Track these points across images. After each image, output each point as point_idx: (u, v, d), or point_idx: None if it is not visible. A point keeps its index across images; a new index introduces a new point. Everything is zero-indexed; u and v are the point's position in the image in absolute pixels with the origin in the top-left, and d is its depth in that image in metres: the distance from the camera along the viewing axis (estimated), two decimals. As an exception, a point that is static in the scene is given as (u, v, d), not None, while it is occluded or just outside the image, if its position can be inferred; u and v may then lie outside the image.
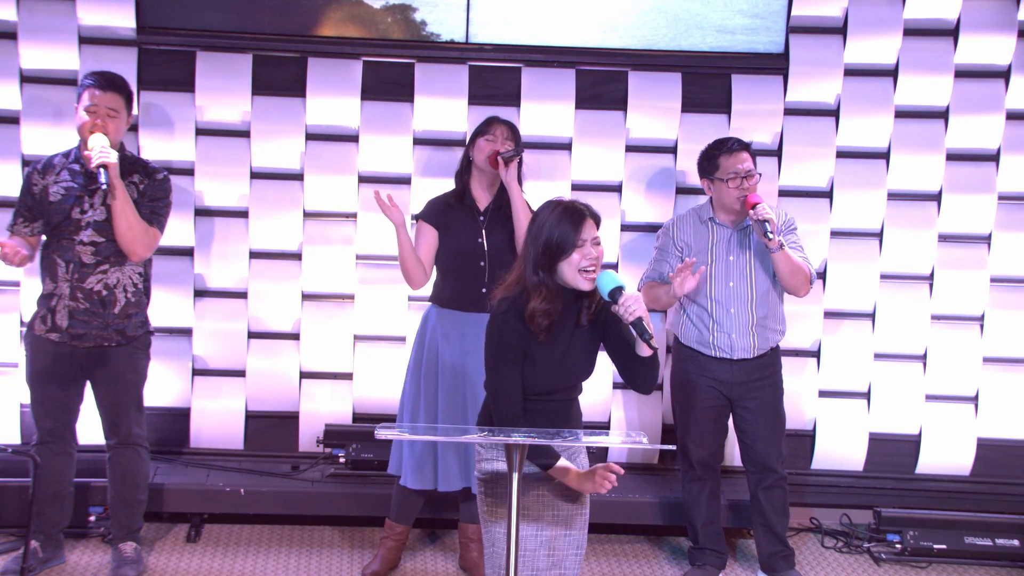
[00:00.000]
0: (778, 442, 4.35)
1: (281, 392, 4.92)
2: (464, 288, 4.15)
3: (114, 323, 4.08)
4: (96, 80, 4.05)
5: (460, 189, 4.22)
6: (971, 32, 4.88)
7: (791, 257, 4.13)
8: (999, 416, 5.00)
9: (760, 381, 4.29)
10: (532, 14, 4.86)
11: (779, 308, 4.32)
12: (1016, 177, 4.96)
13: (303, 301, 4.91)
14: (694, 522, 4.42)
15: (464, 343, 4.12)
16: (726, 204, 4.22)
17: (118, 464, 4.20)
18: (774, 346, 4.32)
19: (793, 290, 4.22)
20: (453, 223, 4.15)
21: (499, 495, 3.14)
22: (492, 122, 4.21)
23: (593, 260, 3.03)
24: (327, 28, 4.84)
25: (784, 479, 4.37)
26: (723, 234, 4.26)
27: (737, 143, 4.24)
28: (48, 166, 4.10)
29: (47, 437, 4.15)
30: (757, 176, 4.20)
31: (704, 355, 4.28)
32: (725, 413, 4.36)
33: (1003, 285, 4.99)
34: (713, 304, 4.24)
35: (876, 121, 4.93)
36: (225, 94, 4.82)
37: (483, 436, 3.01)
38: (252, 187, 4.86)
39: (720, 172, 4.20)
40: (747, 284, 4.23)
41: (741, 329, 4.23)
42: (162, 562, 4.40)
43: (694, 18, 4.89)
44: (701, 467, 4.35)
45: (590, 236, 3.04)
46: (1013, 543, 4.67)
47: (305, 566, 4.45)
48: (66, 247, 4.03)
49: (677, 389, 4.41)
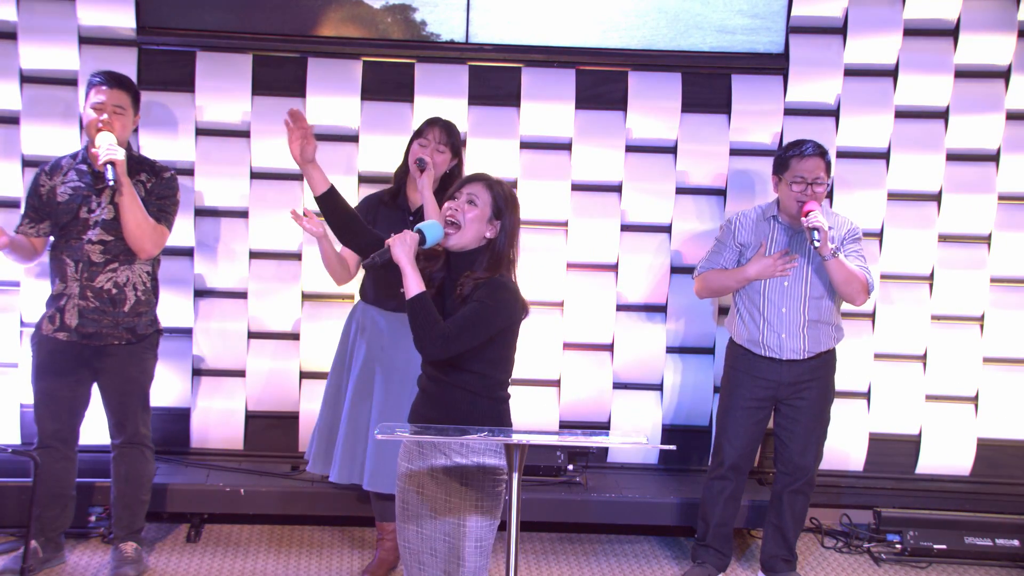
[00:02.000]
0: (816, 446, 4.32)
1: (281, 392, 4.93)
2: (382, 286, 4.18)
3: (124, 321, 4.08)
4: (103, 78, 4.06)
5: (395, 188, 4.25)
6: (971, 32, 4.88)
7: (844, 265, 4.11)
8: (999, 416, 5.00)
9: (811, 382, 4.27)
10: (532, 14, 4.86)
11: (835, 315, 4.29)
12: (1016, 177, 4.96)
13: (303, 301, 4.92)
14: (708, 520, 4.41)
15: (380, 339, 4.16)
16: (787, 206, 4.21)
17: (122, 463, 4.20)
18: (828, 349, 4.30)
19: (849, 298, 4.19)
20: (381, 220, 4.16)
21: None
22: (429, 124, 4.18)
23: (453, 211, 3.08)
24: (327, 28, 4.84)
25: (812, 486, 4.35)
26: (783, 234, 4.26)
27: (813, 148, 4.21)
28: (56, 167, 4.11)
29: (50, 441, 4.14)
30: (825, 185, 4.19)
31: (754, 354, 4.27)
32: (766, 415, 4.34)
33: (1003, 285, 4.99)
34: (766, 302, 4.23)
35: (876, 121, 4.93)
36: (225, 94, 4.82)
37: (482, 436, 3.01)
38: (252, 187, 4.86)
39: (788, 174, 4.19)
40: (801, 286, 4.22)
41: (792, 330, 4.22)
42: (162, 562, 4.40)
43: (694, 18, 4.89)
44: (730, 467, 4.34)
45: (468, 191, 3.09)
46: (1013, 543, 4.68)
47: (305, 566, 4.45)
48: (75, 247, 4.03)
49: (723, 387, 4.42)
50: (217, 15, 4.78)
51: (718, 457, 4.38)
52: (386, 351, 4.15)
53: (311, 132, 3.36)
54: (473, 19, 4.85)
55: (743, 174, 4.94)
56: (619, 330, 4.97)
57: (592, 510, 4.66)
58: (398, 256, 3.01)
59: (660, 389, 5.00)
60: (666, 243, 4.97)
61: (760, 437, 4.39)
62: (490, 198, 3.10)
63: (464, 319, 3.00)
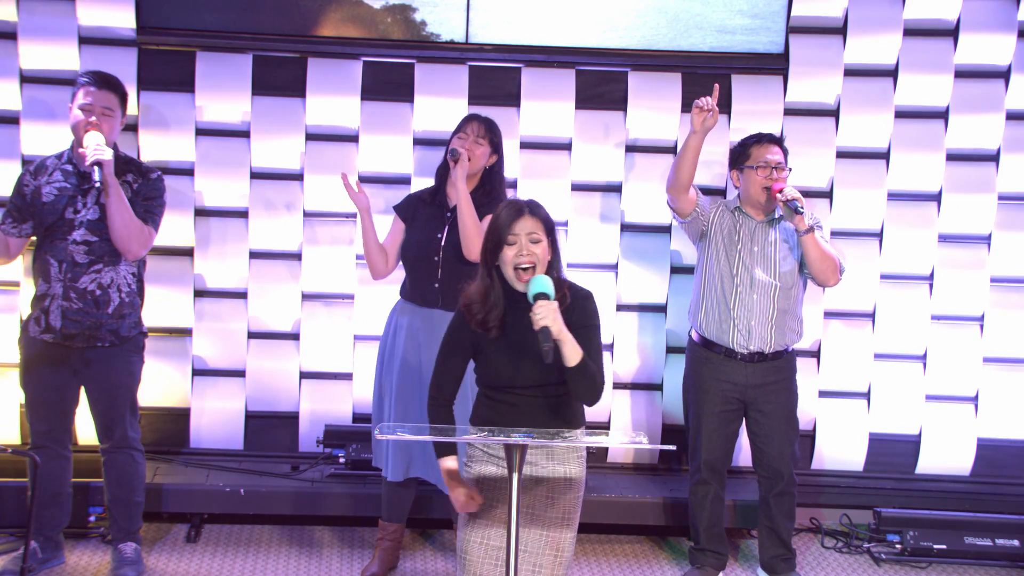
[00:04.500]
0: (791, 447, 4.34)
1: (281, 392, 4.93)
2: (418, 282, 4.17)
3: (108, 323, 4.07)
4: (91, 79, 4.04)
5: (435, 186, 4.25)
6: (971, 32, 4.88)
7: (820, 242, 4.13)
8: (999, 416, 5.00)
9: (775, 384, 4.28)
10: (532, 14, 4.86)
11: (799, 308, 4.31)
12: (1016, 177, 4.96)
13: (303, 301, 4.91)
14: (697, 524, 4.42)
15: (416, 336, 4.13)
16: (752, 195, 4.23)
17: (113, 468, 4.20)
18: (789, 348, 4.31)
19: (823, 278, 4.20)
20: (420, 217, 4.18)
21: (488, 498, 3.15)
22: (468, 120, 4.22)
23: (526, 257, 3.03)
24: (327, 28, 4.84)
25: (794, 484, 4.37)
26: (749, 224, 4.27)
27: (770, 137, 4.28)
28: (40, 167, 4.10)
29: (42, 440, 4.14)
30: (787, 171, 4.22)
31: (719, 356, 4.27)
32: (738, 417, 4.35)
33: (1003, 285, 4.99)
34: (737, 287, 4.23)
35: (876, 121, 4.93)
36: (225, 94, 4.82)
37: (482, 436, 3.01)
38: (252, 187, 4.86)
39: (750, 161, 4.22)
40: (771, 275, 4.22)
41: (761, 318, 4.22)
42: (162, 562, 4.40)
43: (694, 18, 4.89)
44: (708, 470, 4.35)
45: (524, 231, 3.04)
46: (1013, 543, 4.67)
47: (305, 566, 4.45)
48: (59, 247, 4.02)
49: (689, 391, 4.41)
50: (217, 15, 4.78)
51: (695, 463, 4.39)
52: (423, 349, 4.09)
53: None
54: (473, 19, 4.85)
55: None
56: (619, 330, 4.97)
57: (591, 510, 4.65)
58: (559, 333, 2.93)
59: (660, 389, 5.00)
60: (666, 243, 4.97)
61: (734, 438, 4.40)
62: (540, 223, 3.08)
63: (594, 350, 3.04)
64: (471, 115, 4.25)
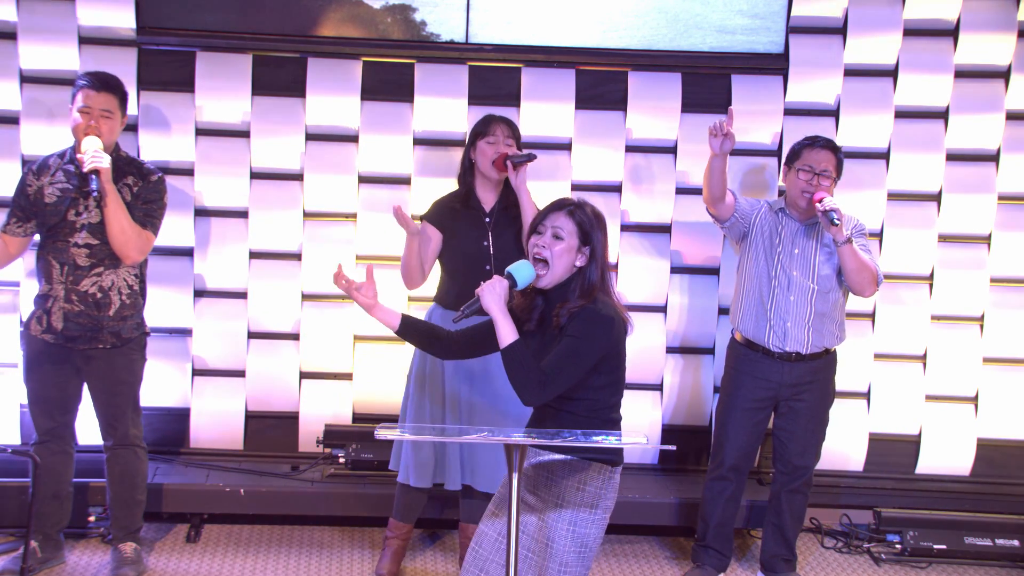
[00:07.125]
0: (815, 447, 4.33)
1: (281, 392, 4.93)
2: (468, 291, 4.13)
3: (109, 325, 4.07)
4: (90, 80, 4.03)
5: (464, 191, 4.20)
6: (971, 32, 4.88)
7: (857, 253, 4.11)
8: (999, 416, 5.00)
9: (811, 384, 4.27)
10: (532, 14, 4.86)
11: (839, 311, 4.29)
12: (1016, 177, 4.96)
13: (303, 301, 4.91)
14: (707, 520, 4.41)
15: (472, 370, 4.08)
16: (793, 196, 4.22)
17: (116, 465, 4.20)
18: (830, 349, 4.30)
19: (859, 289, 4.18)
20: (460, 226, 4.14)
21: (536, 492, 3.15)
22: (490, 121, 4.18)
23: (539, 248, 3.03)
24: (327, 28, 4.84)
25: (809, 486, 4.36)
26: (791, 226, 4.26)
27: (826, 142, 4.24)
28: (43, 167, 4.10)
29: (46, 436, 4.15)
30: (832, 181, 4.19)
31: (757, 353, 4.26)
32: (766, 416, 4.34)
33: (1003, 285, 4.99)
34: (775, 289, 4.22)
35: (876, 121, 4.93)
36: (225, 94, 4.82)
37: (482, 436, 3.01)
38: (252, 187, 4.86)
39: (798, 162, 4.21)
40: (810, 277, 4.22)
41: (797, 320, 4.21)
42: (162, 562, 4.40)
43: (694, 18, 4.89)
44: (730, 468, 4.34)
45: (552, 224, 3.05)
46: (1013, 543, 4.68)
47: (305, 566, 4.45)
48: (61, 249, 4.02)
49: (723, 388, 4.41)
50: (217, 15, 4.78)
51: (718, 458, 4.38)
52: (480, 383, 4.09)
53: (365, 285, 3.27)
54: (473, 19, 4.85)
55: (743, 174, 4.94)
56: (619, 330, 4.96)
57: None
58: (488, 305, 2.96)
59: (660, 389, 5.00)
60: (666, 243, 4.97)
61: (760, 437, 4.39)
62: (574, 226, 3.06)
63: (559, 359, 2.94)
64: (493, 116, 4.20)
